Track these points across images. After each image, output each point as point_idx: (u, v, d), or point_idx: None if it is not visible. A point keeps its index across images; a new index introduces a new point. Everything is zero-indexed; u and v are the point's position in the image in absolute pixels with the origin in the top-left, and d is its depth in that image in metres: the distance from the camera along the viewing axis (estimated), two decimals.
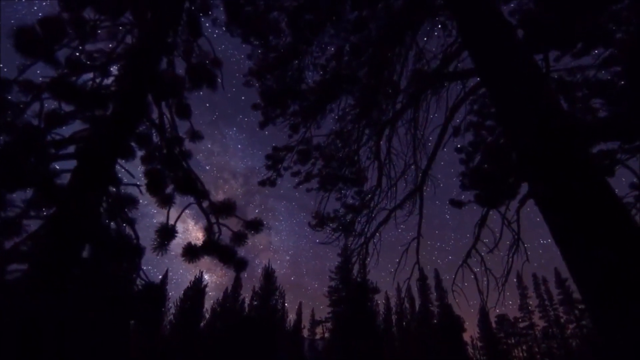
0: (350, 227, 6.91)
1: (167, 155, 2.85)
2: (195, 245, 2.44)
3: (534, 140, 3.59)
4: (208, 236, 2.51)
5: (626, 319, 2.32)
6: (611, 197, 2.91)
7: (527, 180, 5.48)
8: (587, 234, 2.78)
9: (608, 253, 2.58)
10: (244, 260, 2.67)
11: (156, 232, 2.33)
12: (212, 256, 2.53)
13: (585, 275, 2.76)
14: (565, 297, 36.75)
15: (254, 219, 2.59)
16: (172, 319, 30.89)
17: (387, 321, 35.56)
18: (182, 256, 2.38)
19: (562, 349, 34.57)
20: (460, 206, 5.57)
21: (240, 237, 2.61)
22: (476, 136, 6.13)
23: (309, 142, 6.56)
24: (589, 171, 3.13)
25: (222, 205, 2.54)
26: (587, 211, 2.90)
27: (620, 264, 2.50)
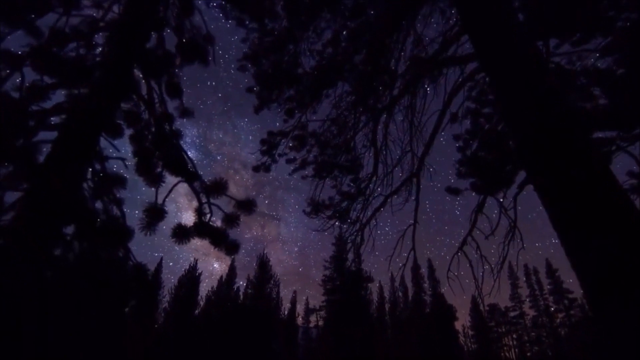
0: (345, 215, 6.86)
1: (156, 134, 2.74)
2: (185, 225, 2.36)
3: (533, 126, 3.53)
4: (198, 217, 2.42)
5: (627, 309, 2.28)
6: (613, 185, 2.86)
7: (525, 167, 5.45)
8: (588, 223, 2.73)
9: (609, 242, 2.54)
10: (235, 243, 2.59)
11: (144, 211, 2.25)
12: (203, 238, 2.45)
13: (585, 264, 2.71)
14: (555, 287, 37.44)
15: (246, 199, 2.50)
16: (166, 307, 30.94)
17: (381, 310, 35.98)
18: (172, 237, 2.30)
19: (551, 338, 35.31)
20: (457, 193, 5.53)
21: (232, 218, 2.52)
22: (474, 123, 6.06)
23: (305, 128, 6.46)
24: (590, 158, 3.08)
25: (214, 185, 2.45)
26: (588, 199, 2.84)
27: (622, 253, 2.46)
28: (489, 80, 4.92)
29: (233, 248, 2.59)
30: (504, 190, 5.01)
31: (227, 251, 2.60)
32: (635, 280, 2.36)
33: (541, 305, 37.96)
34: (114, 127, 2.69)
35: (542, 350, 35.47)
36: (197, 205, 2.43)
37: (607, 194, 2.73)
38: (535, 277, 39.58)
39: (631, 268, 2.38)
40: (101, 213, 2.44)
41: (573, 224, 2.85)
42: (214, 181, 2.45)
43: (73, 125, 1.74)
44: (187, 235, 2.33)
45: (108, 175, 2.34)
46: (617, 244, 2.45)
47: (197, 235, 2.41)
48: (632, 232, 2.52)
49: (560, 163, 3.16)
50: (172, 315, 29.58)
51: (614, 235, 2.50)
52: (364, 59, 6.67)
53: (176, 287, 31.89)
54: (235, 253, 2.60)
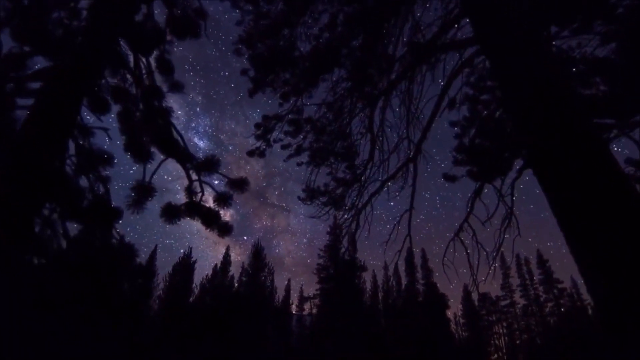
0: (340, 201, 6.80)
1: (145, 110, 2.63)
2: (174, 205, 2.26)
3: (533, 111, 3.46)
4: (189, 196, 2.33)
5: (629, 293, 2.25)
6: (615, 172, 2.80)
7: (525, 153, 5.40)
8: (589, 210, 2.69)
9: (612, 230, 2.50)
10: (228, 225, 2.51)
11: (132, 189, 2.15)
12: (194, 218, 2.36)
13: (587, 252, 2.68)
14: (546, 277, 38.11)
15: (239, 178, 2.41)
16: (161, 294, 30.97)
17: (374, 298, 36.36)
18: (161, 217, 2.21)
19: (540, 326, 36.05)
20: (453, 180, 5.49)
21: (224, 198, 2.43)
22: (472, 110, 5.99)
23: (300, 112, 6.33)
24: (592, 145, 3.02)
25: (205, 162, 2.35)
26: (590, 187, 2.79)
27: (625, 241, 2.41)
28: (490, 63, 4.83)
29: (225, 229, 2.51)
30: (502, 178, 4.96)
31: (219, 232, 2.52)
32: (636, 263, 2.32)
33: (531, 294, 38.66)
34: (100, 102, 2.56)
35: (532, 338, 36.24)
36: (187, 183, 2.33)
37: (609, 181, 2.68)
38: (526, 267, 40.22)
39: (634, 256, 2.34)
40: (87, 192, 2.34)
41: (574, 211, 2.80)
42: (205, 158, 2.35)
43: (52, 92, 1.63)
44: (176, 214, 2.24)
45: (93, 152, 2.23)
46: (620, 232, 2.41)
47: (187, 215, 2.33)
48: (635, 219, 2.47)
49: (562, 149, 3.11)
50: (166, 303, 29.65)
51: (617, 223, 2.45)
52: (361, 44, 6.54)
53: (170, 274, 31.90)
54: (227, 234, 2.52)
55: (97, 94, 2.59)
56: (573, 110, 3.28)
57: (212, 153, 2.29)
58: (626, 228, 2.41)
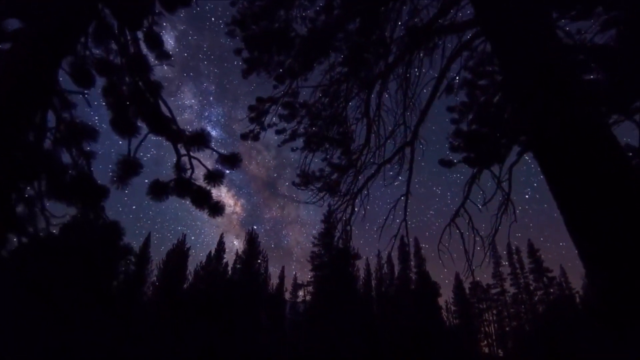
0: (335, 187, 6.73)
1: (132, 85, 2.49)
2: (162, 181, 2.15)
3: (536, 94, 3.37)
4: (178, 173, 2.21)
5: (630, 283, 2.21)
6: (616, 155, 2.74)
7: (523, 137, 5.34)
8: (588, 193, 2.63)
9: (611, 214, 2.44)
10: (219, 204, 2.41)
11: (116, 164, 2.04)
12: (183, 197, 2.26)
13: (586, 237, 2.63)
14: (536, 266, 38.75)
15: (231, 153, 2.30)
16: (155, 281, 30.97)
17: (367, 286, 36.73)
18: (148, 194, 2.11)
19: (529, 314, 36.80)
20: (450, 166, 5.42)
21: (215, 176, 2.32)
22: (470, 95, 5.89)
23: (295, 95, 6.18)
24: (591, 127, 2.95)
25: (194, 136, 2.23)
26: (588, 169, 2.73)
27: (624, 226, 2.36)
28: (491, 46, 4.72)
29: (217, 209, 2.41)
30: (500, 164, 4.90)
31: (210, 212, 2.42)
32: (636, 245, 2.27)
33: (521, 283, 39.34)
34: (84, 74, 2.42)
35: (521, 325, 37.01)
36: (176, 159, 2.21)
37: (611, 167, 2.61)
38: (517, 256, 40.83)
39: (635, 245, 2.28)
40: (70, 168, 2.22)
41: (574, 197, 2.74)
42: (195, 132, 2.23)
43: (24, 55, 1.50)
44: (164, 192, 2.13)
45: (76, 125, 2.10)
46: (621, 220, 2.35)
47: (176, 194, 2.22)
48: (637, 207, 2.41)
49: (563, 134, 3.03)
50: (160, 289, 29.67)
51: (618, 210, 2.39)
52: (358, 28, 6.38)
53: (164, 261, 31.87)
54: (219, 214, 2.43)
55: (80, 66, 2.45)
56: (575, 94, 3.21)
57: (202, 127, 2.15)
58: (627, 216, 2.35)
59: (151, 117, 2.55)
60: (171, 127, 2.58)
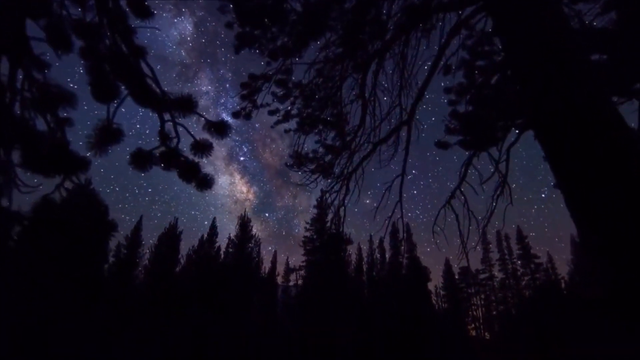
0: (329, 169, 6.61)
1: (112, 49, 2.30)
2: (145, 150, 2.00)
3: (540, 71, 3.26)
4: (162, 141, 2.06)
5: (631, 268, 2.16)
6: (620, 136, 2.65)
7: (520, 120, 5.26)
8: (588, 174, 2.55)
9: (612, 195, 2.37)
10: (208, 178, 2.27)
11: (93, 130, 1.88)
12: (168, 169, 2.12)
13: (586, 219, 2.56)
14: (524, 252, 39.57)
15: (220, 120, 2.14)
16: (147, 264, 30.89)
17: (358, 270, 37.15)
18: (130, 164, 1.96)
19: (516, 298, 37.74)
20: (446, 147, 5.33)
21: (202, 146, 2.18)
22: (467, 75, 5.76)
23: (289, 73, 5.97)
24: (595, 107, 2.85)
25: (180, 100, 2.07)
26: (590, 149, 2.65)
27: (623, 202, 2.29)
28: (493, 22, 4.56)
29: (205, 183, 2.27)
30: (499, 146, 4.81)
31: (198, 186, 2.29)
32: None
33: (509, 268, 40.19)
34: (60, 37, 2.23)
35: (507, 309, 37.99)
36: (160, 126, 2.05)
37: (614, 148, 2.52)
38: (506, 242, 41.57)
39: (634, 223, 2.22)
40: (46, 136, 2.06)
41: (575, 178, 2.67)
42: (180, 96, 2.06)
43: None
44: (147, 162, 1.99)
45: (49, 87, 1.93)
46: (622, 202, 2.28)
47: (161, 165, 2.08)
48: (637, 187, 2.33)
49: (565, 113, 2.93)
50: (152, 273, 29.64)
51: (620, 192, 2.32)
52: (353, 6, 6.16)
53: (156, 245, 31.75)
54: (207, 189, 2.30)
55: (56, 27, 2.25)
56: (577, 74, 3.10)
57: (188, 92, 1.97)
58: (627, 197, 2.29)
59: (133, 84, 2.38)
60: (155, 94, 2.41)
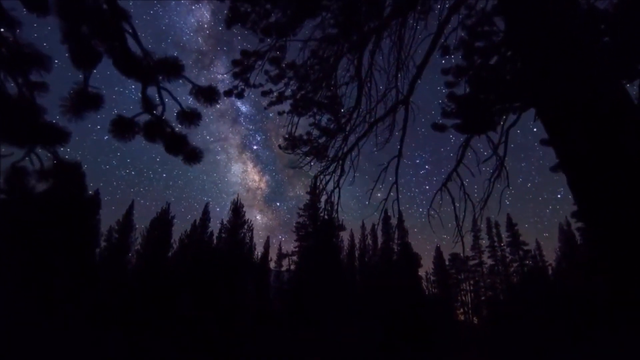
0: (323, 152, 6.48)
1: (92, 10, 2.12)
2: (127, 118, 1.85)
3: (542, 47, 3.14)
4: (146, 108, 1.89)
5: (631, 254, 2.10)
6: (625, 116, 2.56)
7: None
8: (591, 156, 2.47)
9: (615, 180, 2.29)
10: (196, 151, 2.14)
11: (69, 93, 1.73)
12: (153, 140, 1.97)
13: (587, 194, 2.49)
14: (513, 240, 40.23)
15: (208, 86, 1.98)
16: (139, 249, 30.72)
17: (351, 256, 37.49)
18: (110, 132, 1.81)
19: (504, 284, 38.55)
20: (443, 130, 5.22)
21: (189, 115, 2.02)
22: (466, 56, 5.61)
23: (282, 50, 5.77)
24: (601, 87, 2.76)
25: (164, 62, 1.89)
26: (593, 128, 2.56)
27: (625, 185, 2.22)
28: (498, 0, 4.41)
29: (193, 156, 2.14)
30: (501, 127, 4.69)
31: (186, 160, 2.15)
32: None
33: (498, 255, 40.90)
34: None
35: (495, 295, 38.81)
36: (142, 90, 1.88)
37: (619, 129, 2.44)
38: (495, 229, 42.18)
39: (635, 206, 2.15)
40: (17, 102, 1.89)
41: (578, 156, 2.58)
42: (165, 58, 1.89)
43: None
44: (129, 129, 1.84)
45: (21, 46, 1.75)
46: (623, 183, 2.20)
47: (145, 136, 1.93)
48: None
49: (569, 91, 2.83)
50: (144, 257, 29.51)
51: (622, 176, 2.24)
52: None
53: (148, 230, 31.52)
54: (196, 162, 2.16)
55: None
56: (585, 51, 2.99)
57: (174, 55, 1.79)
58: (629, 180, 2.22)
59: (122, 57, 2.20)
60: (144, 65, 2.24)
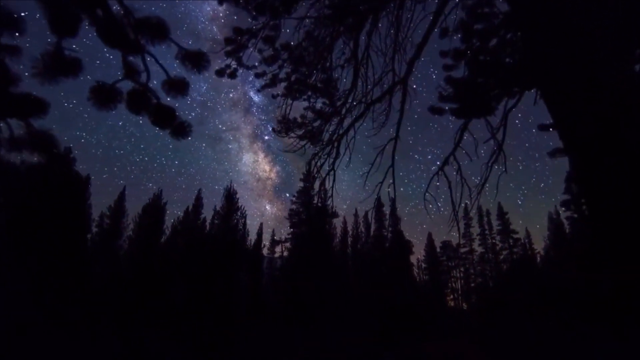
0: (318, 135, 6.36)
1: None
2: (108, 84, 1.71)
3: (545, 24, 3.06)
4: (127, 72, 1.74)
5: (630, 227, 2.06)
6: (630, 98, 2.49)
7: (516, 88, 5.08)
8: (594, 132, 2.42)
9: (618, 157, 2.24)
10: (185, 125, 2.01)
11: (42, 54, 1.58)
12: (137, 112, 1.83)
13: (589, 179, 2.44)
14: (503, 228, 40.80)
15: (197, 50, 1.83)
16: (131, 234, 30.47)
17: (343, 243, 37.70)
18: (89, 100, 1.67)
19: (493, 271, 39.25)
20: (441, 113, 5.13)
21: (177, 84, 1.88)
22: (465, 38, 5.47)
23: (276, 29, 5.56)
24: (612, 64, 2.69)
25: (147, 22, 1.73)
26: (595, 108, 2.50)
27: (628, 171, 2.17)
28: None
29: (182, 130, 2.01)
30: (505, 110, 4.59)
31: (173, 134, 2.03)
32: None
33: (489, 243, 41.52)
34: None
35: (485, 282, 39.54)
36: (122, 55, 1.73)
37: (623, 111, 2.37)
38: (486, 218, 42.70)
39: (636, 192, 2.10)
40: None
41: (582, 139, 2.52)
42: (147, 17, 1.73)
43: None
44: (110, 98, 1.70)
45: None
46: (626, 168, 2.15)
47: (128, 106, 1.79)
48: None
49: (573, 70, 2.75)
50: (136, 243, 29.31)
51: (625, 159, 2.18)
52: None
53: (140, 215, 31.22)
54: (184, 137, 2.04)
55: None
56: (593, 29, 2.90)
57: (157, 15, 1.62)
58: (632, 165, 2.16)
59: (104, 25, 2.03)
60: (129, 36, 2.08)
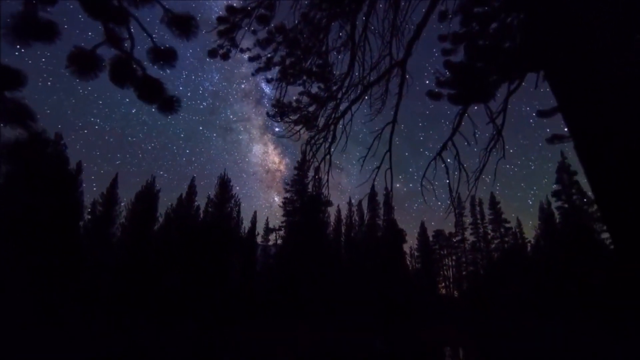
0: (313, 120, 6.23)
1: None
2: (88, 50, 1.58)
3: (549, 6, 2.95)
4: (108, 37, 1.61)
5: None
6: None
7: (516, 73, 4.98)
8: (600, 116, 2.35)
9: (624, 143, 2.17)
10: (173, 99, 1.89)
11: (13, 15, 1.44)
12: (122, 84, 1.71)
13: (596, 165, 2.38)
14: (495, 217, 41.28)
15: (185, 13, 1.69)
16: (124, 222, 30.27)
17: (337, 231, 37.86)
18: (67, 67, 1.54)
19: (485, 260, 39.81)
20: (439, 98, 5.02)
21: (163, 53, 1.76)
22: (465, 22, 5.34)
23: (271, 9, 5.37)
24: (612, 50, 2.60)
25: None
26: (600, 92, 2.42)
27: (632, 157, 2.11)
28: None
29: (169, 104, 1.89)
30: (505, 97, 4.50)
31: (161, 109, 1.91)
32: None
33: (481, 232, 42.03)
34: None
35: (476, 270, 40.13)
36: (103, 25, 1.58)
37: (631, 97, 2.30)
38: (479, 207, 43.12)
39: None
40: None
41: (588, 125, 2.44)
42: None
43: None
44: (91, 65, 1.57)
45: None
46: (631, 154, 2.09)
47: (111, 76, 1.66)
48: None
49: (576, 54, 2.65)
50: (129, 230, 29.16)
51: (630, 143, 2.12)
52: None
53: (133, 202, 31.00)
54: (172, 112, 1.92)
55: None
56: (586, 26, 2.81)
57: None
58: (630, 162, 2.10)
59: None
60: (113, 4, 1.93)
